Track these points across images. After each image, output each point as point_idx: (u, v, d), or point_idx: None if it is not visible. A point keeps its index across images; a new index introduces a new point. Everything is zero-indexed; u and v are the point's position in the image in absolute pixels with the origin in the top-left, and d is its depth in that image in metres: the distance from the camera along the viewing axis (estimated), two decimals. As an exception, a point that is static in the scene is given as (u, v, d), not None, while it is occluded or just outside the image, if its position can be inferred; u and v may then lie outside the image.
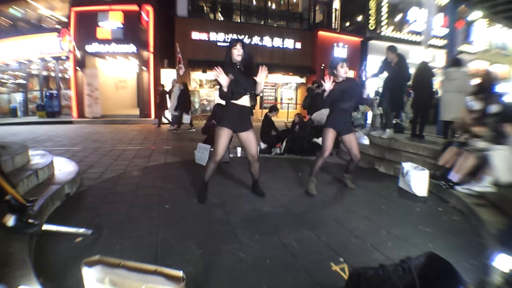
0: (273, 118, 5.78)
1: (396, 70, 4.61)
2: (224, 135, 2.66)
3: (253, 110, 6.47)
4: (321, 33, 13.38)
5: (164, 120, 9.79)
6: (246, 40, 12.46)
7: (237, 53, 2.59)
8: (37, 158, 3.27)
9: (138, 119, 11.40)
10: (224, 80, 2.47)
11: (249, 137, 2.77)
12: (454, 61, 4.70)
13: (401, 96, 4.83)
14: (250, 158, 2.86)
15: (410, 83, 5.06)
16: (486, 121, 3.13)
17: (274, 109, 5.81)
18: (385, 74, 4.92)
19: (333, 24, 14.32)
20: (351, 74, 14.18)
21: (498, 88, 3.55)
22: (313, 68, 13.39)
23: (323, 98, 3.05)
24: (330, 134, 3.11)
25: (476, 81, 4.06)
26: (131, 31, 10.74)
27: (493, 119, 3.06)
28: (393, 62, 4.62)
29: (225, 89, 2.52)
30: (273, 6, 14.35)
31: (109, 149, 5.51)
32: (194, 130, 8.59)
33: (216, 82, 2.63)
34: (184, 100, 8.49)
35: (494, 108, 3.12)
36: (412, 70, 4.84)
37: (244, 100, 2.66)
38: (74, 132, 8.13)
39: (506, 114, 3.00)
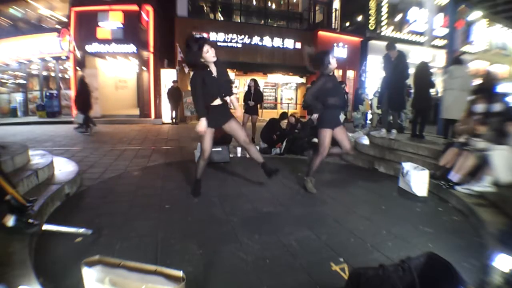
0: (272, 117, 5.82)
1: (395, 64, 4.52)
2: (207, 134, 2.80)
3: (258, 110, 6.48)
4: (321, 33, 13.37)
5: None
6: (246, 40, 12.45)
7: (212, 55, 2.64)
8: (37, 158, 3.27)
9: (138, 119, 11.40)
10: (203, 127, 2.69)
11: (233, 127, 2.89)
12: (456, 60, 4.74)
13: (401, 96, 4.79)
14: (243, 145, 2.95)
15: (409, 82, 5.04)
16: (488, 121, 3.12)
17: (285, 116, 5.83)
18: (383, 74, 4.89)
19: (333, 24, 14.31)
20: (351, 74, 14.22)
21: (500, 88, 3.55)
22: (313, 68, 13.37)
23: (309, 97, 3.03)
24: (328, 135, 3.11)
25: (477, 81, 4.06)
26: (131, 31, 10.73)
27: (496, 118, 3.05)
28: (393, 57, 4.56)
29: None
30: (273, 6, 14.34)
31: (109, 149, 5.51)
32: (83, 132, 7.35)
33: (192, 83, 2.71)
34: (80, 97, 7.40)
35: (497, 107, 3.11)
36: (412, 70, 4.81)
37: (216, 101, 2.80)
38: (74, 132, 8.12)
39: (509, 114, 2.99)
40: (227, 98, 2.88)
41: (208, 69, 2.70)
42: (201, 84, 2.66)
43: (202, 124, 2.69)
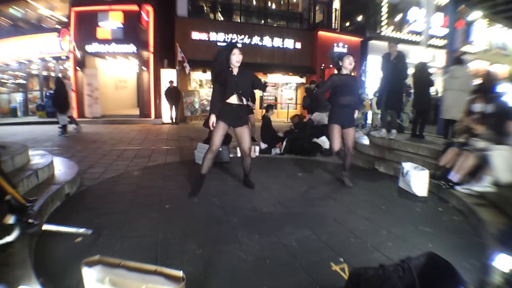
0: (273, 118, 5.80)
1: (394, 64, 4.54)
2: (220, 128, 2.90)
3: (253, 110, 6.52)
4: (321, 33, 13.36)
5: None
6: (246, 40, 12.45)
7: (236, 59, 2.82)
8: (37, 158, 3.27)
9: (138, 119, 11.40)
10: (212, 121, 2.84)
11: (243, 132, 3.00)
12: (457, 60, 4.76)
13: (399, 95, 4.80)
14: (242, 153, 3.09)
15: (409, 82, 5.06)
16: (487, 121, 3.12)
17: (270, 107, 5.82)
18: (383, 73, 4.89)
19: (333, 24, 14.30)
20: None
21: (499, 88, 3.55)
22: (313, 68, 13.37)
23: (318, 92, 3.12)
24: (335, 130, 3.22)
25: (477, 81, 4.06)
26: (131, 31, 10.73)
27: (494, 118, 3.06)
28: (392, 56, 4.57)
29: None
30: (273, 6, 14.33)
31: (109, 149, 5.51)
32: (76, 130, 7.40)
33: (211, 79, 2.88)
34: (57, 98, 7.21)
35: (490, 108, 3.12)
36: (411, 70, 4.82)
37: (233, 99, 2.90)
38: (74, 132, 8.12)
39: (503, 113, 3.00)
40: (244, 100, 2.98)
41: (230, 69, 2.86)
42: (221, 80, 2.84)
43: (211, 119, 2.85)
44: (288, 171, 4.05)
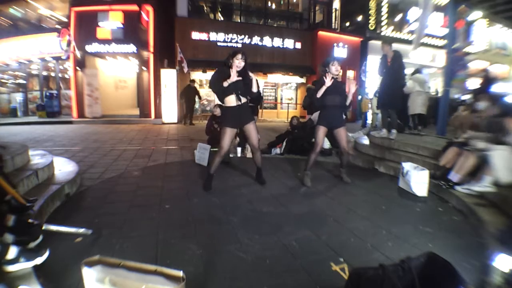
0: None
1: (391, 65, 4.61)
2: (227, 133, 3.02)
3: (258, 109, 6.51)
4: (321, 33, 13.36)
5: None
6: (246, 40, 12.47)
7: (238, 64, 2.91)
8: (37, 158, 3.27)
9: (138, 119, 11.41)
10: (235, 76, 2.82)
11: (250, 129, 3.11)
12: (418, 70, 6.12)
13: (397, 95, 4.80)
14: (251, 147, 3.22)
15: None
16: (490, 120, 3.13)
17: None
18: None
19: (333, 24, 14.30)
20: (351, 74, 14.21)
21: (497, 87, 3.57)
22: (313, 68, 13.36)
23: (316, 99, 3.21)
24: (321, 131, 3.34)
25: (478, 81, 4.09)
26: (131, 31, 10.74)
27: (496, 118, 3.05)
28: (389, 57, 4.63)
29: (226, 84, 2.86)
30: (273, 6, 14.34)
31: (109, 149, 5.51)
32: None
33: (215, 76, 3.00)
34: None
35: (496, 110, 3.13)
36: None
37: (231, 100, 3.01)
38: (74, 132, 8.13)
39: (507, 112, 3.00)
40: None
41: (233, 76, 2.91)
42: (219, 79, 2.91)
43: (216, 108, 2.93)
44: (288, 171, 4.05)
